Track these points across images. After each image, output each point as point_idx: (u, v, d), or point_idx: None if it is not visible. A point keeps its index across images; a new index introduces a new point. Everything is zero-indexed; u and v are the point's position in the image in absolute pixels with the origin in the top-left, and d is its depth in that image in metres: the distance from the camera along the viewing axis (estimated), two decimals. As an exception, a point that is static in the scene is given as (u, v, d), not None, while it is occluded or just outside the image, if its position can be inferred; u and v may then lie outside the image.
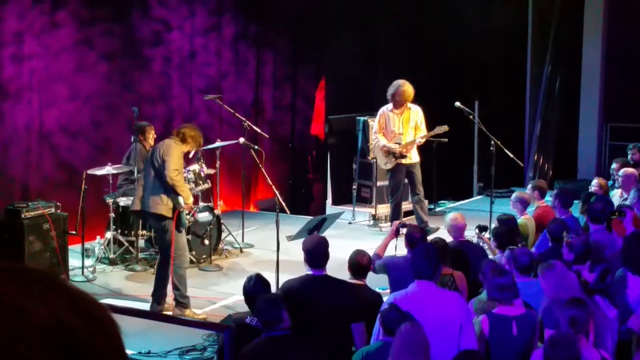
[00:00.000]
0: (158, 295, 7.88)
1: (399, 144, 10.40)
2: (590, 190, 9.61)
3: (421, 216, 10.49)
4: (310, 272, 5.98)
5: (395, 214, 10.69)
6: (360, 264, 6.34)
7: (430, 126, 10.58)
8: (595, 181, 9.78)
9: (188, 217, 8.51)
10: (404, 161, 10.49)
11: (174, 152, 7.71)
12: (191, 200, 7.95)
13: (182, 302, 7.78)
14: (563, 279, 5.80)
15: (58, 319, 0.97)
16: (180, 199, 7.70)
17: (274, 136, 13.00)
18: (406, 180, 10.72)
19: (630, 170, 9.85)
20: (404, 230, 7.32)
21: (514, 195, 9.01)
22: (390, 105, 10.45)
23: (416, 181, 10.53)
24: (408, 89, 10.29)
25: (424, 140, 10.57)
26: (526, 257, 6.50)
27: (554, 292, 5.68)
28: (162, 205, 7.70)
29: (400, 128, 10.43)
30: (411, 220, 10.61)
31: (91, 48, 10.63)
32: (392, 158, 10.47)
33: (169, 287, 7.82)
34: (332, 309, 5.49)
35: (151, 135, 9.94)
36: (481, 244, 8.03)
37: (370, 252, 6.83)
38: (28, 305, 0.97)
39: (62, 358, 0.96)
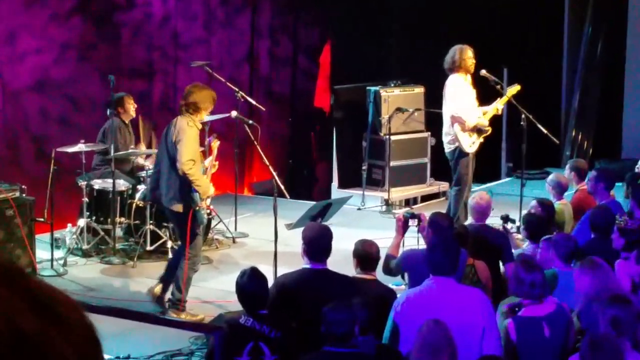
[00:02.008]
0: (165, 282, 7.97)
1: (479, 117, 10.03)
2: (637, 170, 9.59)
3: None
4: (308, 266, 6.01)
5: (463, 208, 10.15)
6: (368, 254, 6.34)
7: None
8: None
9: (207, 213, 8.40)
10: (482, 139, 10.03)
11: (187, 136, 7.55)
12: (211, 192, 7.90)
13: (177, 305, 7.84)
14: (606, 277, 5.80)
15: (13, 323, 0.93)
16: (197, 195, 7.62)
17: (271, 97, 13.03)
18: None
19: None
20: (414, 222, 7.26)
21: (550, 177, 8.99)
22: (457, 75, 9.88)
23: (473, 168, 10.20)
24: (473, 52, 9.86)
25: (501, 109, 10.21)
26: (570, 242, 6.52)
27: (594, 292, 5.69)
28: (177, 202, 7.70)
29: (475, 99, 10.04)
30: (418, 209, 10.62)
31: (58, 10, 10.62)
32: (476, 136, 9.94)
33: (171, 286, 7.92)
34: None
35: (131, 107, 9.94)
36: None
37: (380, 243, 6.84)
38: None
39: None
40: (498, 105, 10.16)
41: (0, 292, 0.95)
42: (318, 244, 6.03)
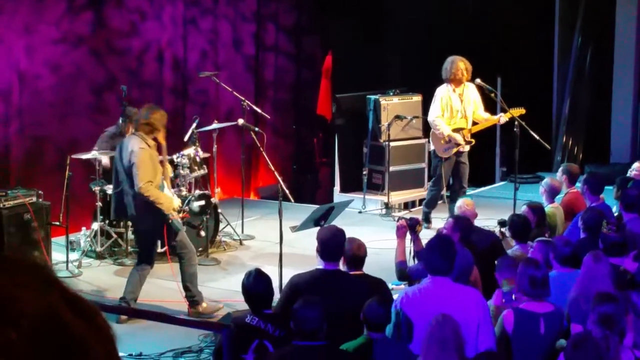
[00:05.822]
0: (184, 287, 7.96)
1: (463, 128, 10.15)
2: (630, 174, 9.53)
3: None
4: (321, 266, 5.99)
5: (432, 205, 10.56)
6: (357, 255, 6.30)
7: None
8: (636, 164, 9.68)
9: (182, 214, 8.28)
10: (462, 149, 10.20)
11: (140, 159, 7.42)
12: (175, 205, 7.74)
13: (194, 300, 7.84)
14: (601, 272, 5.80)
15: (51, 308, 1.00)
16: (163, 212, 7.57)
17: (276, 106, 13.03)
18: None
19: None
20: (418, 227, 7.22)
21: (544, 180, 8.97)
22: (448, 85, 10.11)
23: (465, 173, 10.32)
24: (466, 64, 10.02)
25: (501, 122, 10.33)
26: (568, 247, 6.49)
27: (586, 285, 5.70)
28: (146, 218, 7.64)
29: (463, 110, 10.19)
30: (416, 212, 10.62)
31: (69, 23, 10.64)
32: (454, 144, 10.15)
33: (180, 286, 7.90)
34: (346, 306, 5.49)
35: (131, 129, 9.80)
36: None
37: (380, 244, 6.82)
38: (18, 292, 0.99)
39: (53, 349, 0.98)
40: (501, 119, 10.20)
41: (42, 286, 1.02)
42: (332, 243, 6.01)
